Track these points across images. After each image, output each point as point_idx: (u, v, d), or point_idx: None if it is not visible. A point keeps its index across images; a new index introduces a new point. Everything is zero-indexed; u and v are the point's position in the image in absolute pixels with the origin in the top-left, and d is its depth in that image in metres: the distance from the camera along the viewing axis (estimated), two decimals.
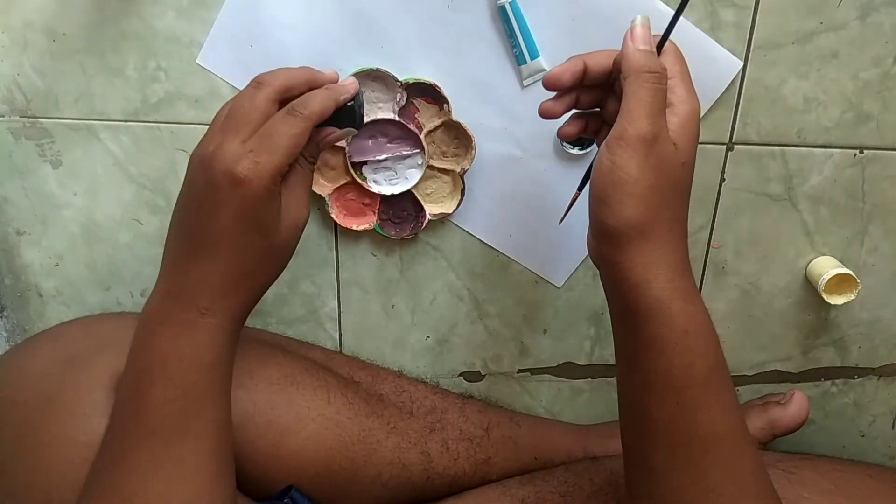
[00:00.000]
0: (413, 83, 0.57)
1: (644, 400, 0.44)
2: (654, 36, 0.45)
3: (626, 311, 0.44)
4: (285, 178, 0.46)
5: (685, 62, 0.45)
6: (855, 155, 0.60)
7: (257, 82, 0.46)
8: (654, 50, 0.44)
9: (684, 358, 0.42)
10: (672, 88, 0.44)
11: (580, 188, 0.51)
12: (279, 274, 0.48)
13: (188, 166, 0.46)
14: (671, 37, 0.46)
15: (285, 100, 0.47)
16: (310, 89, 0.48)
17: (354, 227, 0.62)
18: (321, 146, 0.49)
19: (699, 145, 0.60)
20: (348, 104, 0.49)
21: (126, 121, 0.60)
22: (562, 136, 0.51)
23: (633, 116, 0.42)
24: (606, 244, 0.44)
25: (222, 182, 0.43)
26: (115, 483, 0.44)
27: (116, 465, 0.44)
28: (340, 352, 0.69)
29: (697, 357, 0.43)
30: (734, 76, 0.57)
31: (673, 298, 0.42)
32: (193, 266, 0.45)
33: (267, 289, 0.48)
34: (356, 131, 0.50)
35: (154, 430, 0.44)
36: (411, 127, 0.58)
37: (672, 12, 0.56)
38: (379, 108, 0.58)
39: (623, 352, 0.46)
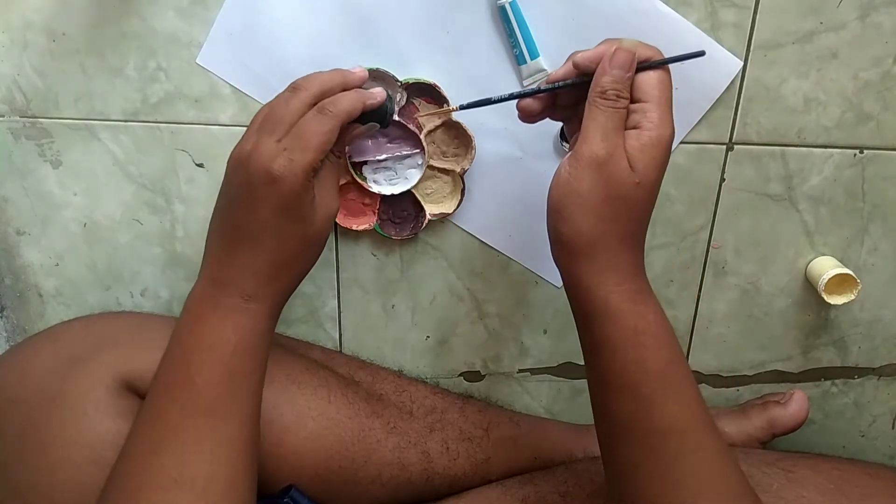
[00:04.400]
0: (413, 83, 0.57)
1: (605, 398, 0.47)
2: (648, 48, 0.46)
3: (581, 313, 0.47)
4: (317, 173, 0.49)
5: (669, 88, 0.46)
6: (855, 155, 0.60)
7: (294, 87, 0.49)
8: (627, 72, 0.45)
9: (636, 355, 0.45)
10: (645, 112, 0.45)
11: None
12: (316, 261, 0.51)
13: (227, 165, 0.48)
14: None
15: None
16: (342, 90, 0.50)
17: (354, 227, 0.62)
18: (347, 141, 0.51)
19: (700, 145, 0.60)
20: (380, 108, 0.51)
21: (126, 121, 0.60)
22: (521, 111, 0.51)
23: (588, 137, 0.45)
24: (561, 250, 0.47)
25: (259, 179, 0.45)
26: (160, 463, 0.44)
27: (160, 446, 0.45)
28: (340, 352, 0.69)
29: (649, 353, 0.45)
30: (734, 76, 0.57)
31: (622, 300, 0.45)
32: (237, 256, 0.47)
33: (304, 277, 0.50)
34: (379, 126, 0.52)
35: (202, 410, 0.45)
36: (411, 127, 0.58)
37: (672, 12, 0.56)
38: None
39: (585, 353, 0.48)
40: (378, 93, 0.51)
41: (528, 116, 0.51)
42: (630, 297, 0.45)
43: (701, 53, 0.46)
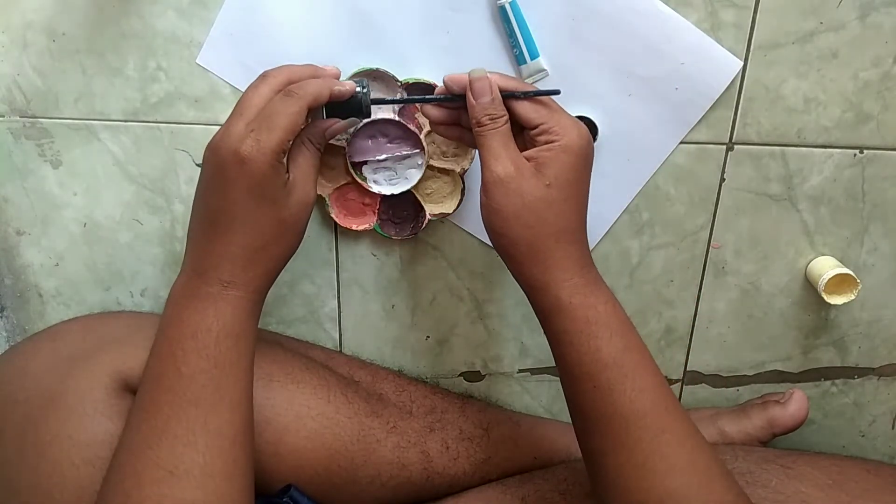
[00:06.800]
0: (413, 83, 0.57)
1: (570, 390, 0.50)
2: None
3: (539, 312, 0.50)
4: (293, 159, 0.50)
5: (550, 102, 0.50)
6: (855, 155, 0.60)
7: (264, 75, 0.50)
8: (494, 96, 0.49)
9: (591, 345, 0.47)
10: (547, 131, 0.48)
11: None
12: (293, 249, 0.51)
13: (203, 155, 0.49)
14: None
15: None
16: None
17: (354, 227, 0.62)
18: (326, 134, 0.52)
19: (700, 145, 0.60)
20: (355, 96, 0.51)
21: (126, 121, 0.60)
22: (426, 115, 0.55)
23: (484, 162, 0.49)
24: (509, 261, 0.50)
25: (229, 162, 0.47)
26: (155, 456, 0.44)
27: (154, 439, 0.45)
28: (340, 351, 0.69)
29: (603, 343, 0.47)
30: (734, 76, 0.57)
31: (572, 294, 0.48)
32: (213, 242, 0.48)
33: (283, 263, 0.51)
34: (359, 121, 0.53)
35: (191, 400, 0.45)
36: (411, 127, 0.58)
37: (672, 12, 0.56)
38: (379, 108, 0.58)
39: (551, 349, 0.51)
40: (347, 83, 0.52)
41: (431, 123, 0.55)
42: (579, 291, 0.48)
43: (557, 91, 0.50)
